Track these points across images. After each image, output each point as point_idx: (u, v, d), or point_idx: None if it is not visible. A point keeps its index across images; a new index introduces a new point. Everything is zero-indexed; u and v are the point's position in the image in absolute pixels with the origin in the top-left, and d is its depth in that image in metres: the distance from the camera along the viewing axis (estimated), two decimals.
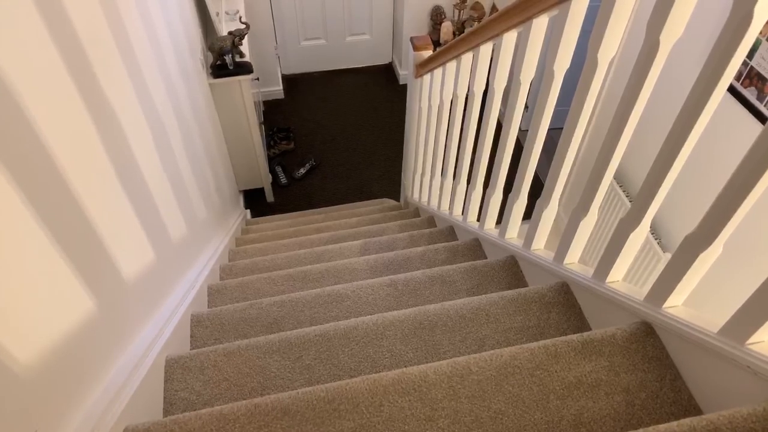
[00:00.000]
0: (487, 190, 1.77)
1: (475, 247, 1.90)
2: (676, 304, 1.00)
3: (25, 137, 0.80)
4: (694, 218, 0.89)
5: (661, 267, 2.27)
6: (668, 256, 2.26)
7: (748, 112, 1.87)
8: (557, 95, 1.29)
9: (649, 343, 1.02)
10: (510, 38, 1.46)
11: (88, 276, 0.96)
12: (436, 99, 2.17)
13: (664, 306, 1.00)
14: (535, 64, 1.39)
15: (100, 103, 1.11)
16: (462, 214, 2.14)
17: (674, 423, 0.73)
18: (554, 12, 1.20)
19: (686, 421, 0.73)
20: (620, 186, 2.59)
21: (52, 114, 0.89)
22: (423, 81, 2.30)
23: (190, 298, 1.56)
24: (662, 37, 0.89)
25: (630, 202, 2.51)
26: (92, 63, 1.08)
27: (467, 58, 1.79)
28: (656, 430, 0.72)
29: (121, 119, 1.22)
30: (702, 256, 0.88)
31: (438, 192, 2.39)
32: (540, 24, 1.28)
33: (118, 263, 1.11)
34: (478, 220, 2.01)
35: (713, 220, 0.85)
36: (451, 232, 2.19)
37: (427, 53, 2.25)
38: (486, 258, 1.85)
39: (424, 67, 2.21)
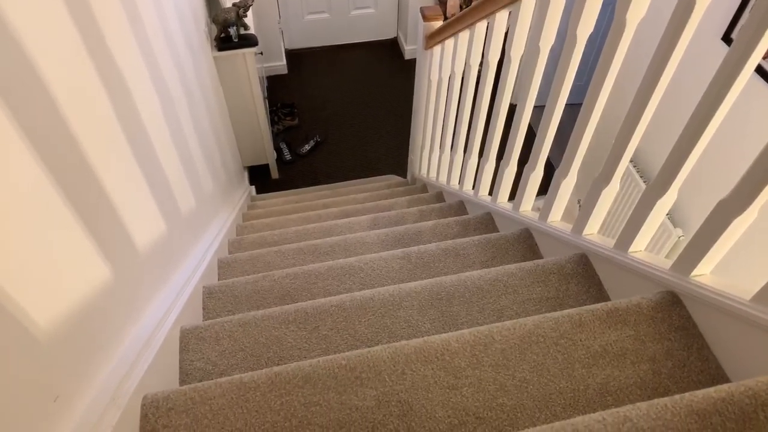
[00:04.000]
0: (501, 162, 1.74)
1: (487, 221, 1.88)
2: (705, 272, 0.98)
3: (47, 111, 0.77)
4: (708, 192, 0.87)
5: (672, 242, 2.26)
6: (679, 231, 2.24)
7: (765, 83, 1.84)
8: (578, 62, 1.25)
9: (675, 312, 1.00)
10: (528, 3, 1.42)
11: (103, 244, 0.94)
12: (447, 70, 2.13)
13: (692, 274, 0.98)
14: (556, 29, 1.34)
15: (112, 71, 1.08)
16: (473, 188, 2.11)
17: (711, 389, 0.72)
18: None
19: (723, 387, 0.72)
20: (631, 162, 2.56)
21: (69, 84, 0.86)
22: (433, 52, 2.25)
23: (201, 270, 1.54)
24: None
25: (644, 181, 2.48)
26: (102, 29, 1.05)
27: (481, 26, 1.75)
28: (694, 396, 0.71)
29: (130, 86, 1.19)
30: (736, 221, 0.86)
31: (447, 167, 2.36)
32: None
33: (131, 232, 1.09)
34: (490, 194, 1.98)
35: (750, 185, 0.82)
36: (461, 206, 2.17)
37: (438, 23, 2.20)
38: (498, 231, 1.82)
39: (434, 38, 2.16)
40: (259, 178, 3.58)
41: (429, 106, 2.47)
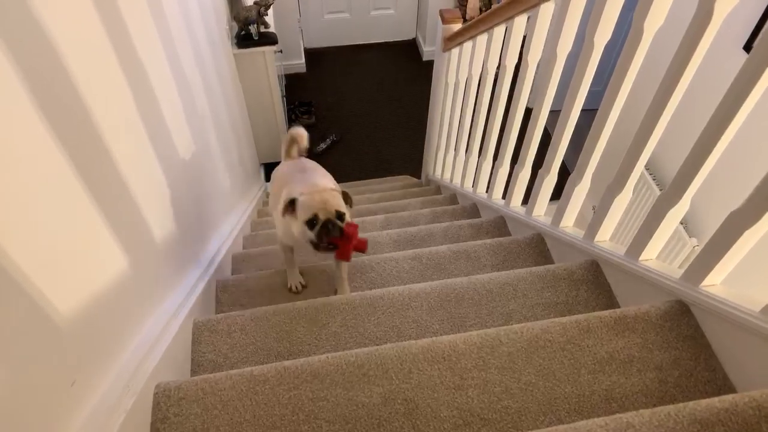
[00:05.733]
0: (516, 167, 1.74)
1: (500, 225, 1.88)
2: (715, 282, 0.97)
3: (71, 101, 0.80)
4: (726, 202, 0.87)
5: (686, 251, 2.24)
6: (695, 240, 2.22)
7: None
8: (595, 69, 1.26)
9: (683, 321, 1.00)
10: (547, 9, 1.42)
11: (124, 235, 0.96)
12: (465, 73, 2.13)
13: (702, 285, 0.98)
14: (573, 36, 1.35)
15: (136, 69, 1.10)
16: (486, 191, 2.11)
17: (715, 399, 0.72)
18: None
19: (728, 398, 0.72)
20: (647, 169, 2.54)
21: (93, 76, 0.88)
22: (451, 55, 2.26)
23: (215, 264, 1.57)
24: (717, 5, 0.86)
25: (659, 189, 2.46)
26: (125, 21, 1.07)
27: (499, 31, 1.75)
28: (697, 405, 0.71)
29: (153, 83, 1.21)
30: (748, 232, 0.85)
31: (462, 169, 2.37)
32: None
33: (150, 224, 1.11)
34: (503, 197, 1.98)
35: (762, 196, 0.82)
36: (474, 209, 2.17)
37: (457, 26, 2.20)
38: (510, 235, 1.83)
39: (452, 40, 2.17)
40: None
41: (445, 108, 2.48)
